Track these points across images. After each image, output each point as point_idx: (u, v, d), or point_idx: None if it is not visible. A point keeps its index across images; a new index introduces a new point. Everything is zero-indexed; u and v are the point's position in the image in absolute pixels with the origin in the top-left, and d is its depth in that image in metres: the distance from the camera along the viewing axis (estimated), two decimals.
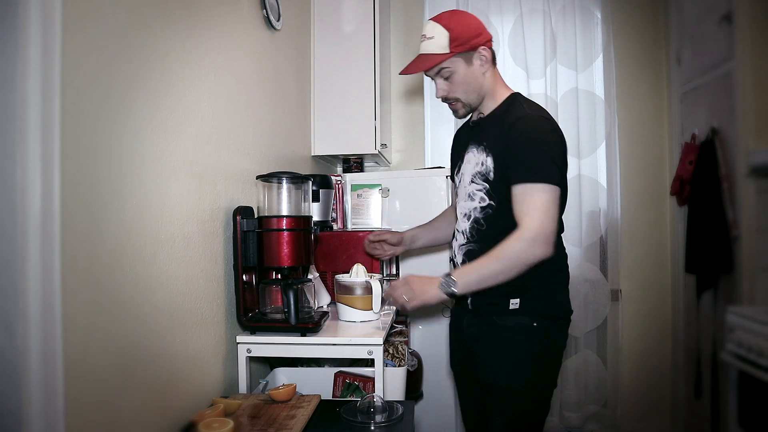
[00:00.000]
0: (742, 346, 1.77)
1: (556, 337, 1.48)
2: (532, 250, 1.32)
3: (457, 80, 1.48)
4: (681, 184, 2.56)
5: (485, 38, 1.48)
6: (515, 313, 1.43)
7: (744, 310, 1.88)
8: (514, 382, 1.42)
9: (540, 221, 1.33)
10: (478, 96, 1.51)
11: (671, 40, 2.84)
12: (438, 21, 1.46)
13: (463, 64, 1.46)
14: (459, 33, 1.43)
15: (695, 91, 2.58)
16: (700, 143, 2.45)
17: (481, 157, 1.48)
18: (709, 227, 2.30)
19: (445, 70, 1.47)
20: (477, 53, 1.46)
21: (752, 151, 2.07)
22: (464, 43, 1.43)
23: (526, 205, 1.35)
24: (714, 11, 2.37)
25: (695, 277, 2.49)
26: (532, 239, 1.32)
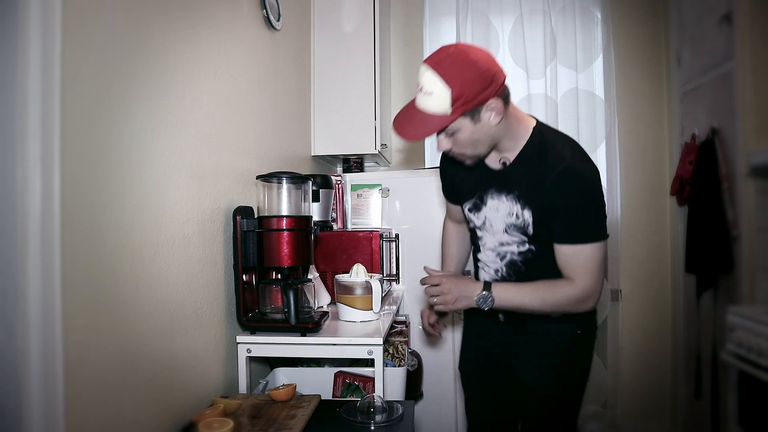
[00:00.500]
0: (742, 346, 1.77)
1: (593, 340, 1.52)
2: (581, 305, 1.34)
3: (462, 138, 1.29)
4: (681, 184, 2.56)
5: (496, 86, 1.24)
6: (558, 321, 1.42)
7: (744, 310, 1.88)
8: (554, 388, 1.44)
9: (594, 281, 1.32)
10: (489, 147, 1.35)
11: (671, 40, 2.84)
12: (437, 71, 1.21)
13: (469, 122, 1.26)
14: (462, 90, 1.20)
15: (695, 91, 2.58)
16: (700, 143, 2.45)
17: (514, 208, 1.38)
18: (709, 227, 2.30)
19: (449, 129, 1.28)
20: (485, 107, 1.25)
21: (752, 151, 2.07)
22: (469, 102, 1.22)
23: (578, 264, 1.32)
24: (714, 11, 2.37)
25: (695, 277, 2.49)
26: (584, 298, 1.33)
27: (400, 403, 1.38)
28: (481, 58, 1.23)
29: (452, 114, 1.23)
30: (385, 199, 2.48)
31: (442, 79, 1.21)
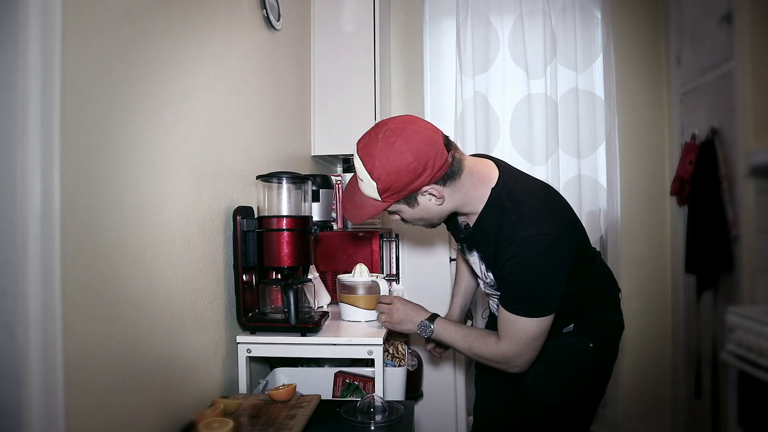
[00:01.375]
0: (742, 346, 1.77)
1: (610, 355, 1.47)
2: (504, 368, 1.33)
3: (406, 217, 1.30)
4: (681, 184, 2.56)
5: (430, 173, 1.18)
6: (569, 335, 1.41)
7: (744, 310, 1.88)
8: (563, 401, 1.42)
9: (518, 353, 1.28)
10: (440, 218, 1.32)
11: (671, 40, 2.84)
12: (363, 160, 1.20)
13: (407, 206, 1.26)
14: (388, 184, 1.18)
15: (695, 91, 2.58)
16: (700, 143, 2.45)
17: (482, 267, 1.38)
18: (709, 227, 2.30)
19: (389, 210, 1.29)
20: (420, 193, 1.22)
21: (752, 151, 2.07)
22: (398, 192, 1.20)
23: (508, 330, 1.28)
24: (714, 11, 2.37)
25: (695, 277, 2.49)
26: (502, 361, 1.32)
27: (400, 403, 1.38)
28: (412, 147, 1.16)
29: (384, 202, 1.23)
30: None
31: (366, 169, 1.19)
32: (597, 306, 1.44)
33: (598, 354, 1.42)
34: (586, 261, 1.40)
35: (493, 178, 1.29)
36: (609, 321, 1.46)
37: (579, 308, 1.39)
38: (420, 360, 2.28)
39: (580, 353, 1.41)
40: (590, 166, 2.88)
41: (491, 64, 2.91)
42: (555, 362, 1.41)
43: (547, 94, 2.86)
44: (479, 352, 1.36)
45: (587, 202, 2.86)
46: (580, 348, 1.41)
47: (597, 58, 2.90)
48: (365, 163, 1.20)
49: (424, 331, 1.43)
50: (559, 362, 1.41)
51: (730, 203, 2.22)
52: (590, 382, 1.44)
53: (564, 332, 1.40)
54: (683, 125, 2.71)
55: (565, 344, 1.41)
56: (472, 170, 1.27)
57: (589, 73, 2.90)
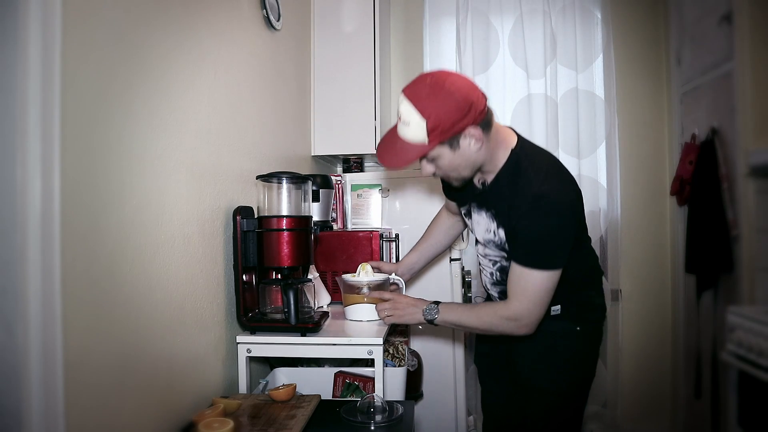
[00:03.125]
0: (742, 346, 1.77)
1: (596, 336, 1.52)
2: (513, 329, 1.36)
3: (443, 164, 1.33)
4: (681, 184, 2.56)
5: (474, 114, 1.24)
6: (558, 318, 1.44)
7: (744, 310, 1.88)
8: (559, 385, 1.46)
9: (528, 309, 1.32)
10: (471, 171, 1.36)
11: (671, 40, 2.84)
12: (413, 101, 1.23)
13: (448, 150, 1.29)
14: (438, 121, 1.22)
15: (695, 91, 2.58)
16: (700, 143, 2.45)
17: (491, 226, 1.42)
18: (709, 227, 2.30)
19: (429, 156, 1.31)
20: (463, 135, 1.27)
21: (752, 151, 2.07)
22: (446, 132, 1.24)
23: (518, 285, 1.33)
24: (714, 11, 2.37)
25: (695, 277, 2.49)
26: (515, 321, 1.34)
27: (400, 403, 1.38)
28: (459, 88, 1.24)
29: (429, 144, 1.26)
30: (385, 199, 2.48)
31: (418, 111, 1.23)
32: (584, 287, 1.49)
33: (585, 336, 1.48)
34: (583, 237, 1.47)
35: (513, 140, 1.39)
36: (594, 304, 1.51)
37: (569, 288, 1.41)
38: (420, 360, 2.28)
39: (568, 337, 1.45)
40: (590, 166, 2.88)
41: (491, 64, 2.91)
42: (547, 348, 1.45)
43: (547, 94, 2.86)
44: (488, 318, 1.38)
45: (587, 203, 2.81)
46: (569, 331, 1.45)
47: (597, 58, 2.90)
48: (415, 104, 1.23)
49: (430, 314, 1.44)
50: (551, 348, 1.46)
51: (730, 203, 2.22)
52: (580, 365, 1.49)
53: (552, 314, 1.43)
54: (683, 125, 2.71)
55: (554, 329, 1.44)
56: (497, 129, 1.37)
57: (589, 73, 2.90)
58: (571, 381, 1.47)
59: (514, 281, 1.34)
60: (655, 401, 2.93)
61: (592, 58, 2.90)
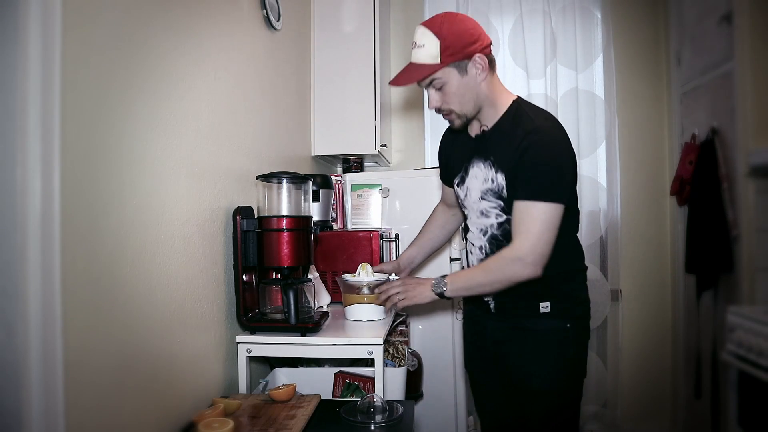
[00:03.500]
0: (742, 346, 1.77)
1: (584, 332, 1.51)
2: (520, 271, 1.33)
3: (450, 91, 1.39)
4: (681, 184, 2.56)
5: (482, 44, 1.38)
6: (547, 316, 1.43)
7: (744, 310, 1.88)
8: (553, 385, 1.44)
9: (532, 244, 1.31)
10: (474, 106, 1.43)
11: (671, 40, 2.84)
12: (429, 27, 1.36)
13: (456, 74, 1.37)
14: (451, 42, 1.33)
15: (695, 91, 2.58)
16: (700, 143, 2.45)
17: (489, 173, 1.43)
18: (709, 227, 2.30)
19: (437, 81, 1.38)
20: (472, 62, 1.37)
21: (752, 151, 2.07)
22: (457, 53, 1.34)
23: (523, 223, 1.33)
24: (714, 11, 2.37)
25: (695, 277, 2.49)
26: (520, 260, 1.32)
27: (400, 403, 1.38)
28: (470, 20, 1.41)
29: (441, 63, 1.34)
30: (385, 199, 2.48)
31: (433, 32, 1.35)
32: (571, 280, 1.48)
33: (575, 333, 1.46)
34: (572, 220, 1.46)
35: (514, 96, 1.48)
36: (580, 299, 1.50)
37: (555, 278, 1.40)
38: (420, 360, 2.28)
39: (558, 335, 1.44)
40: (590, 166, 2.88)
41: None
42: (537, 347, 1.45)
43: (547, 94, 2.86)
44: (494, 266, 1.37)
45: (587, 202, 2.86)
46: (558, 329, 1.44)
47: (597, 58, 2.90)
48: (431, 27, 1.35)
49: (439, 287, 1.42)
50: (541, 346, 1.45)
51: (730, 203, 2.22)
52: (573, 363, 1.47)
53: (542, 312, 1.43)
54: (683, 125, 2.71)
55: (544, 327, 1.44)
56: (500, 82, 1.48)
57: (589, 73, 2.90)
58: (567, 380, 1.46)
59: (517, 219, 1.35)
60: (655, 401, 2.93)
61: (592, 58, 2.90)
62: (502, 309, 1.49)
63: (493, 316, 1.52)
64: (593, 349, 2.87)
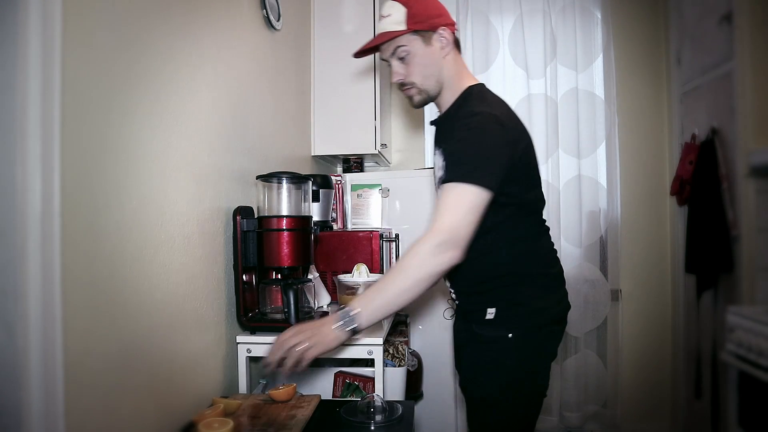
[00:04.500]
0: (742, 346, 1.77)
1: (538, 345, 1.35)
2: (438, 257, 1.16)
3: (413, 61, 1.35)
4: (681, 184, 2.56)
5: (446, 20, 1.36)
6: (490, 323, 1.33)
7: (744, 310, 1.88)
8: (488, 394, 1.35)
9: (449, 223, 1.17)
10: (436, 82, 1.38)
11: (671, 40, 2.84)
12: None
13: (421, 42, 1.34)
14: (418, 9, 1.32)
15: (695, 91, 2.58)
16: (700, 143, 2.45)
17: (440, 161, 1.38)
18: (709, 227, 2.30)
19: (401, 49, 1.34)
20: (437, 33, 1.34)
21: (752, 151, 2.07)
22: (423, 21, 1.33)
23: (443, 204, 1.20)
24: (714, 11, 2.37)
25: (695, 277, 2.49)
26: (437, 245, 1.16)
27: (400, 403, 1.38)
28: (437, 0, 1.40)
29: (407, 28, 1.32)
30: (385, 199, 2.48)
31: (399, 1, 1.34)
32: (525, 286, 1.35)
33: (518, 344, 1.32)
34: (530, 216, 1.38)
35: (473, 82, 1.42)
36: (532, 308, 1.34)
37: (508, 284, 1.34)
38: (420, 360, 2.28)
39: (498, 344, 1.32)
40: (590, 166, 2.88)
41: (491, 64, 2.91)
42: (479, 355, 1.37)
43: (547, 94, 2.86)
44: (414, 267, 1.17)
45: (587, 202, 2.86)
46: (499, 338, 1.32)
47: (597, 58, 2.90)
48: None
49: (345, 317, 1.17)
50: (482, 353, 1.36)
51: (730, 203, 2.22)
52: (514, 374, 1.33)
53: (486, 319, 1.33)
54: (683, 125, 2.71)
55: (487, 332, 1.34)
56: (463, 66, 1.43)
57: (589, 73, 2.90)
58: (506, 391, 1.33)
59: (440, 199, 1.22)
60: (655, 401, 2.93)
61: (592, 58, 2.90)
62: (464, 311, 1.45)
63: (459, 318, 1.50)
64: (593, 349, 2.87)
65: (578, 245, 2.85)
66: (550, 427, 2.81)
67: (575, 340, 2.83)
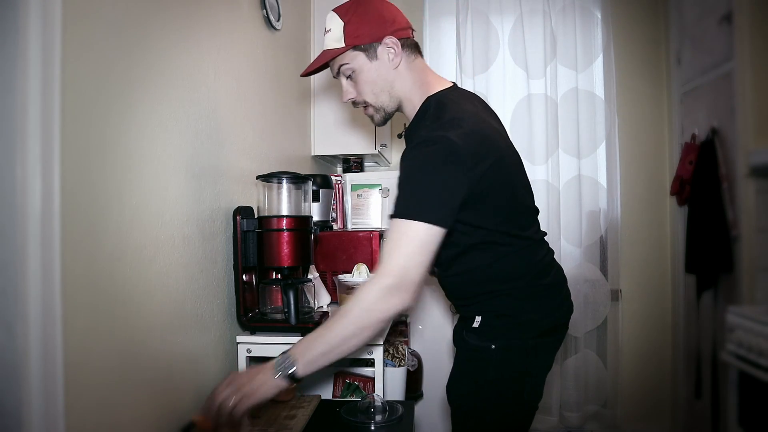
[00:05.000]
0: (742, 346, 1.77)
1: (524, 359, 1.27)
2: (385, 303, 1.08)
3: (361, 79, 1.26)
4: (681, 184, 2.56)
5: (394, 27, 1.23)
6: (476, 332, 1.28)
7: (744, 310, 1.88)
8: (465, 403, 1.31)
9: (397, 266, 1.09)
10: (390, 97, 1.28)
11: (671, 40, 2.84)
12: (337, 11, 1.25)
13: (364, 58, 1.24)
14: (356, 23, 1.22)
15: (695, 91, 2.58)
16: (700, 143, 2.45)
17: None
18: (709, 227, 2.30)
19: (345, 67, 1.26)
20: (382, 45, 1.23)
21: (752, 151, 2.07)
22: (362, 35, 1.22)
23: (390, 242, 1.11)
24: (714, 11, 2.37)
25: (695, 277, 2.49)
26: (385, 288, 1.08)
27: (400, 403, 1.38)
28: (386, 4, 1.27)
29: (345, 45, 1.23)
30: (385, 199, 2.48)
31: (339, 15, 1.25)
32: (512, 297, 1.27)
33: (502, 356, 1.25)
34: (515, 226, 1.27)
35: (436, 88, 1.28)
36: (519, 320, 1.27)
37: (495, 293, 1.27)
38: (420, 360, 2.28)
39: (480, 354, 1.27)
40: (590, 166, 2.88)
41: (491, 64, 2.91)
42: (463, 362, 1.33)
43: (547, 94, 2.86)
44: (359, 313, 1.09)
45: (587, 202, 2.86)
46: (482, 348, 1.26)
47: (597, 58, 2.90)
48: (338, 11, 1.25)
49: (283, 364, 1.08)
50: (465, 362, 1.32)
51: (730, 203, 2.22)
52: (497, 387, 1.27)
53: (473, 327, 1.28)
54: (683, 125, 2.71)
55: (470, 344, 1.29)
56: (425, 71, 1.31)
57: (589, 73, 2.90)
58: (484, 402, 1.28)
59: (386, 238, 1.13)
60: (655, 401, 2.93)
61: (592, 58, 2.90)
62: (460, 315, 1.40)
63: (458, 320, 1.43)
64: (593, 349, 2.87)
65: (578, 245, 2.85)
66: (550, 427, 2.81)
67: (575, 340, 2.83)
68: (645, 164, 2.95)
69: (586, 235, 2.85)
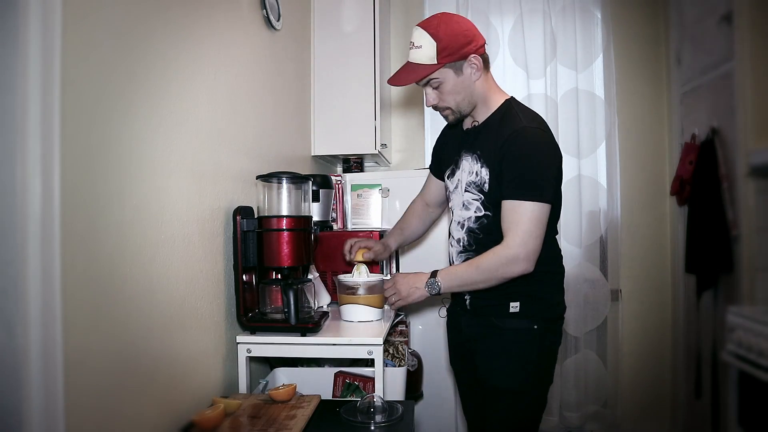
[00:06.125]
0: (742, 346, 1.77)
1: (553, 337, 1.51)
2: (511, 267, 1.37)
3: (446, 90, 1.46)
4: (681, 184, 2.56)
5: (476, 45, 1.44)
6: (515, 316, 1.45)
7: (744, 310, 1.88)
8: (514, 384, 1.45)
9: (523, 240, 1.36)
10: (469, 104, 1.49)
11: (671, 40, 2.84)
12: (426, 28, 1.42)
13: (453, 74, 1.44)
14: (447, 43, 1.40)
15: (695, 91, 2.58)
16: (700, 143, 2.45)
17: (475, 167, 1.48)
18: (709, 227, 2.30)
19: (434, 81, 1.45)
20: (467, 62, 1.43)
21: (752, 151, 2.07)
22: (453, 54, 1.41)
23: (512, 221, 1.37)
24: (714, 11, 2.37)
25: (695, 277, 2.49)
26: (512, 257, 1.36)
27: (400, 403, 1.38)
28: (465, 22, 1.46)
29: (438, 63, 1.41)
30: (385, 199, 2.48)
31: (429, 33, 1.40)
32: (545, 283, 1.49)
33: (542, 335, 1.46)
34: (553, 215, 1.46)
35: (507, 96, 1.54)
36: (552, 302, 1.51)
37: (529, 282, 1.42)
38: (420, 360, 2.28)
39: (523, 335, 1.46)
40: (590, 166, 2.88)
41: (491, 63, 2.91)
42: (503, 345, 1.47)
43: (547, 94, 2.86)
44: (487, 264, 1.39)
45: (587, 202, 2.86)
46: (524, 329, 1.46)
47: (597, 58, 2.90)
48: (428, 29, 1.41)
49: (433, 288, 1.44)
50: (507, 344, 1.47)
51: (730, 203, 2.22)
52: (537, 364, 1.47)
53: (511, 312, 1.45)
54: (683, 125, 2.71)
55: (511, 325, 1.46)
56: (493, 82, 1.54)
57: (589, 73, 2.90)
58: (527, 382, 1.46)
59: (506, 218, 1.39)
60: (655, 401, 2.93)
61: (592, 58, 2.90)
62: (476, 306, 1.52)
63: (468, 313, 1.55)
64: (593, 349, 2.87)
65: (578, 245, 2.85)
66: (550, 427, 2.81)
67: (575, 340, 2.83)
68: (645, 164, 2.95)
69: (586, 235, 2.85)
